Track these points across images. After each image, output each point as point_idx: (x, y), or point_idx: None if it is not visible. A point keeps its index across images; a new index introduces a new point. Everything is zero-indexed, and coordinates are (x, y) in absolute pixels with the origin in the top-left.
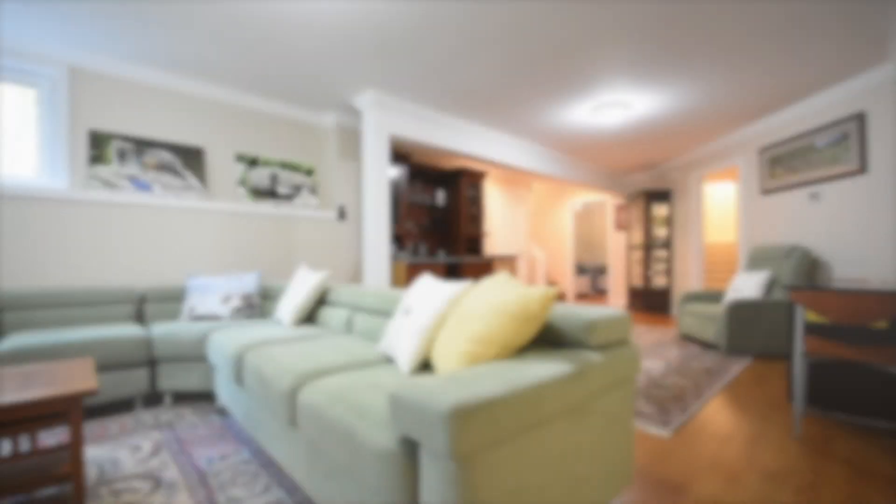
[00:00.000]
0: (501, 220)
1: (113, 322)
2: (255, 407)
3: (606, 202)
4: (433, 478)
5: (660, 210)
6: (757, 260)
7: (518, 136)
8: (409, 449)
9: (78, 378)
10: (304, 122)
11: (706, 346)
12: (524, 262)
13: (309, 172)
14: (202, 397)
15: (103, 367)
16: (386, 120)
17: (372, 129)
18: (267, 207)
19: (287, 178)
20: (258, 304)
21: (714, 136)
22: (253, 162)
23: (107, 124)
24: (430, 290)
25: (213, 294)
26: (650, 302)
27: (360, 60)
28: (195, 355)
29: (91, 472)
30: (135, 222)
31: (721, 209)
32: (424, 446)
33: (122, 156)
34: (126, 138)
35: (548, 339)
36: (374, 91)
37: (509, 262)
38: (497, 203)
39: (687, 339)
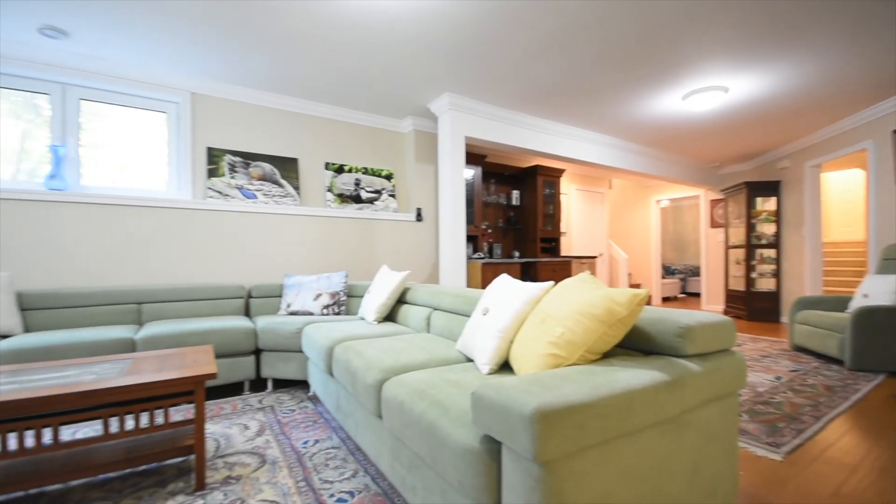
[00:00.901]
0: (579, 220)
1: (226, 315)
2: (344, 397)
3: (700, 197)
4: (516, 479)
5: (765, 204)
6: (892, 261)
7: (596, 131)
8: (492, 447)
9: (201, 362)
10: (384, 129)
11: (826, 359)
12: (604, 263)
13: (388, 177)
14: (298, 385)
15: (219, 354)
16: (461, 122)
17: (447, 133)
18: (351, 211)
19: (369, 183)
20: (345, 302)
21: (835, 117)
22: (339, 169)
23: (220, 141)
24: (508, 291)
25: (305, 292)
26: (754, 308)
27: (434, 67)
28: (292, 347)
29: (210, 446)
30: (242, 227)
31: (844, 202)
32: (507, 447)
33: (232, 168)
34: (235, 153)
35: (635, 344)
36: (449, 95)
37: (588, 263)
38: (574, 201)
39: (801, 350)
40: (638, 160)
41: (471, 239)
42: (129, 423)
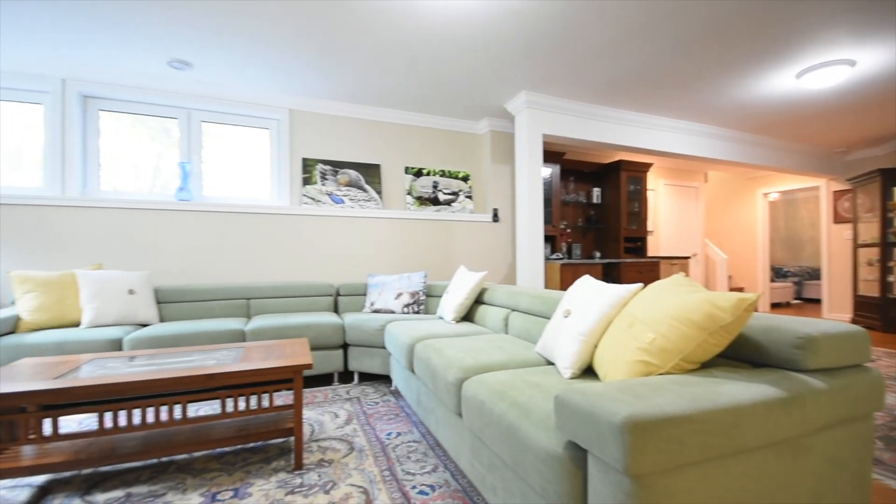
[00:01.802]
0: (669, 217)
1: (318, 311)
2: (425, 393)
3: (819, 188)
4: (605, 491)
5: None
6: None
7: (689, 120)
8: (577, 455)
9: (299, 354)
10: (461, 131)
11: None
12: (698, 265)
13: (465, 178)
14: (381, 379)
15: (312, 346)
16: (538, 120)
17: (524, 131)
18: (429, 213)
19: (446, 185)
20: (424, 301)
21: None
22: (418, 173)
23: (313, 152)
24: (591, 292)
25: (387, 291)
26: (891, 317)
27: (510, 66)
28: (375, 342)
29: (306, 430)
30: (331, 230)
31: None
32: (594, 455)
33: (323, 176)
34: (325, 161)
35: (741, 355)
36: (526, 93)
37: (679, 264)
38: (663, 198)
39: None
40: (740, 149)
41: (549, 239)
42: (241, 405)
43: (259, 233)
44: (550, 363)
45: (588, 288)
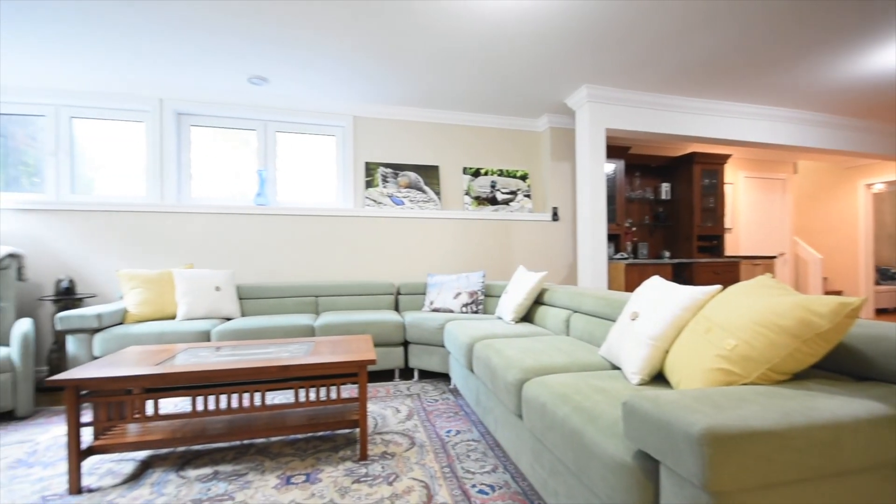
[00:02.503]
0: (750, 213)
1: (380, 309)
2: (484, 393)
3: None
4: None
5: None
6: None
7: (774, 105)
8: (647, 465)
9: (363, 349)
10: (519, 129)
11: None
12: (786, 265)
13: (523, 177)
14: (440, 377)
15: (375, 343)
16: (600, 114)
17: (585, 126)
18: (487, 213)
19: (504, 185)
20: (482, 301)
21: None
22: (476, 173)
23: (374, 155)
24: (661, 294)
25: (446, 290)
26: None
27: (570, 59)
28: (434, 341)
29: (370, 423)
30: (392, 231)
31: None
32: (667, 468)
33: (384, 179)
34: (387, 165)
35: (841, 367)
36: (588, 87)
37: (763, 265)
38: (743, 192)
39: None
40: (838, 136)
41: (612, 238)
42: (311, 396)
43: (325, 234)
44: (616, 368)
45: (658, 289)
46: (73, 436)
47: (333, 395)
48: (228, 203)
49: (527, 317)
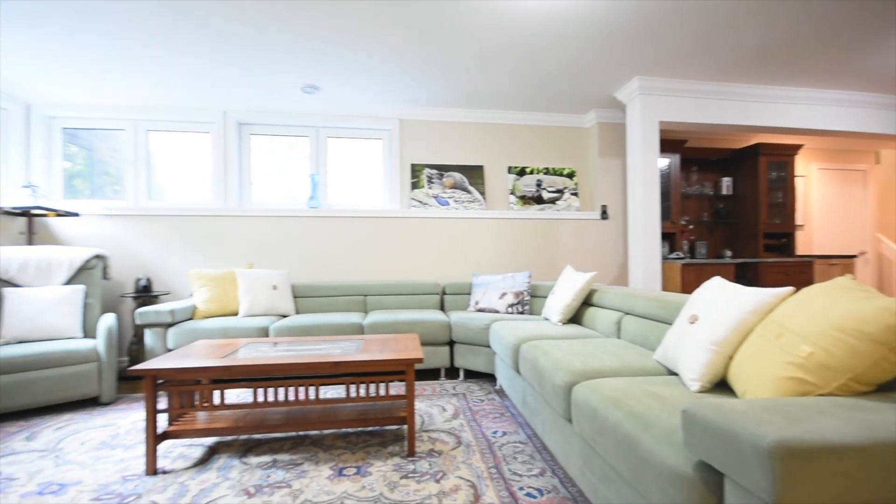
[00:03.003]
0: (825, 208)
1: (426, 308)
2: (531, 395)
3: None
4: None
5: None
6: None
7: (852, 90)
8: (710, 478)
9: (410, 348)
10: (565, 126)
11: None
12: (868, 265)
13: (570, 175)
14: (485, 377)
15: (421, 342)
16: (653, 106)
17: (637, 120)
18: (533, 212)
19: (550, 183)
20: (528, 302)
21: None
22: (521, 172)
23: (420, 157)
24: (724, 297)
25: (491, 290)
26: None
27: (619, 51)
28: (480, 341)
29: (417, 420)
30: (438, 231)
31: None
32: (733, 481)
33: (430, 180)
34: (432, 166)
35: None
36: (639, 79)
37: (841, 265)
38: (816, 185)
39: None
40: None
41: (666, 237)
42: (362, 391)
43: (373, 235)
44: (672, 373)
45: (720, 291)
46: (151, 421)
47: (382, 392)
48: (284, 206)
49: (575, 318)
